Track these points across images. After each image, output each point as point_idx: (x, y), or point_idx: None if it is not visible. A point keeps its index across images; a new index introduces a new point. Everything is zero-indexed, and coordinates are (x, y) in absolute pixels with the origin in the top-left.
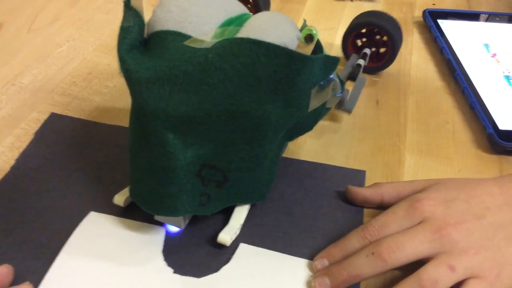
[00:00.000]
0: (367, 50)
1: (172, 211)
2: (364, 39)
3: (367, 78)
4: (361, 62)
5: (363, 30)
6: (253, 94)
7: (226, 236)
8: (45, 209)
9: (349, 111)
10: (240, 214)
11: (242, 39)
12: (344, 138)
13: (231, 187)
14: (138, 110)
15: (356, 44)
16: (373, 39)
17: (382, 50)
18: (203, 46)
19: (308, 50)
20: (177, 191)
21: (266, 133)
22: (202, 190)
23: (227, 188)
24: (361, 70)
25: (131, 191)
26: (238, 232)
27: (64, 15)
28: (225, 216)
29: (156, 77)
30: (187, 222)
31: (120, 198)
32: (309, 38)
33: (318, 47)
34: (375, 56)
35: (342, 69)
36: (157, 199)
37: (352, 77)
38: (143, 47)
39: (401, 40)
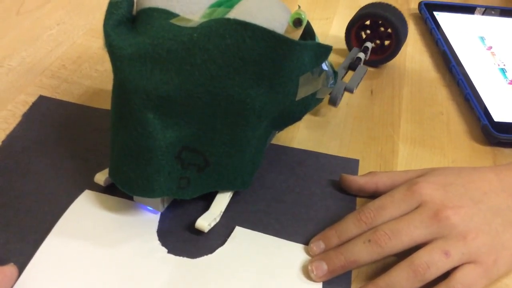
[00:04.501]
0: (368, 44)
1: (148, 192)
2: (368, 31)
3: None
4: (361, 55)
5: (367, 22)
6: (237, 77)
7: (204, 222)
8: (31, 191)
9: (350, 90)
10: (221, 201)
11: (228, 19)
12: (338, 128)
13: (212, 172)
14: (118, 87)
15: (360, 36)
16: (378, 31)
17: (386, 42)
18: (189, 25)
19: (296, 34)
20: (155, 172)
21: (249, 119)
22: (182, 173)
23: (208, 173)
24: (361, 64)
25: (109, 170)
26: (218, 219)
27: None
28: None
29: (138, 54)
30: (166, 205)
31: (100, 177)
32: (297, 22)
33: (311, 35)
34: (378, 49)
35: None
36: (133, 179)
37: (353, 67)
38: (130, 24)
39: (406, 33)
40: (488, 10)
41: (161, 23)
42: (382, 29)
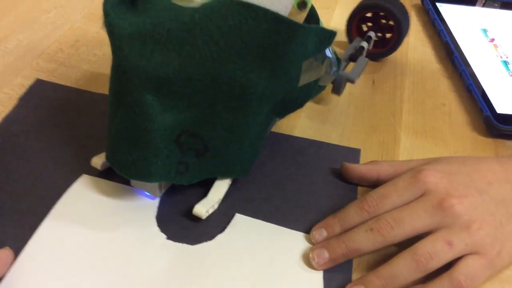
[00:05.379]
0: (371, 33)
1: (146, 176)
2: (369, 24)
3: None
4: (364, 45)
5: (369, 14)
6: (239, 59)
7: (202, 208)
8: (27, 175)
9: (352, 80)
10: (219, 188)
11: (231, 1)
12: (339, 117)
13: (211, 158)
14: (117, 67)
15: (361, 29)
16: (379, 24)
17: (388, 35)
18: (191, 5)
19: (300, 17)
20: (152, 156)
21: (250, 103)
22: (180, 158)
23: (207, 158)
24: (364, 53)
25: (107, 153)
26: (216, 206)
27: None
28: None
29: (138, 33)
30: (163, 191)
31: (97, 161)
32: (302, 4)
33: (314, 19)
34: (380, 42)
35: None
36: (131, 162)
37: (353, 58)
38: (130, 3)
39: (408, 25)
40: (489, 2)
41: (162, 2)
42: (384, 21)
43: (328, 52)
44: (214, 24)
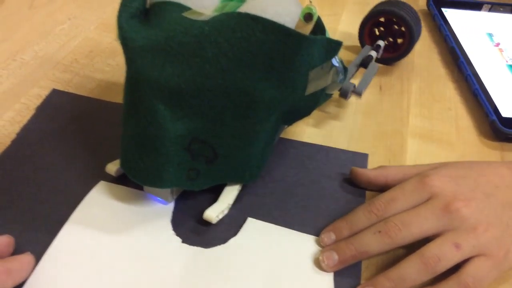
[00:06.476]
0: (380, 42)
1: (158, 183)
2: (382, 28)
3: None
4: (373, 53)
5: (382, 19)
6: (247, 70)
7: (212, 213)
8: (45, 182)
9: (359, 94)
10: (229, 193)
11: (239, 13)
12: (347, 122)
13: (221, 165)
14: (131, 79)
15: (374, 33)
16: (391, 29)
17: (399, 41)
18: (201, 18)
19: (307, 29)
20: (164, 163)
21: (258, 112)
22: (191, 165)
23: (217, 165)
24: (373, 61)
25: (120, 160)
26: (226, 211)
27: None
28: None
29: (151, 46)
30: (175, 197)
31: (112, 167)
32: (308, 16)
33: (321, 30)
34: (391, 46)
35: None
36: (143, 169)
37: (364, 64)
38: (143, 16)
39: (420, 32)
40: (494, 7)
41: (173, 16)
42: (396, 27)
43: (334, 61)
44: (223, 37)
